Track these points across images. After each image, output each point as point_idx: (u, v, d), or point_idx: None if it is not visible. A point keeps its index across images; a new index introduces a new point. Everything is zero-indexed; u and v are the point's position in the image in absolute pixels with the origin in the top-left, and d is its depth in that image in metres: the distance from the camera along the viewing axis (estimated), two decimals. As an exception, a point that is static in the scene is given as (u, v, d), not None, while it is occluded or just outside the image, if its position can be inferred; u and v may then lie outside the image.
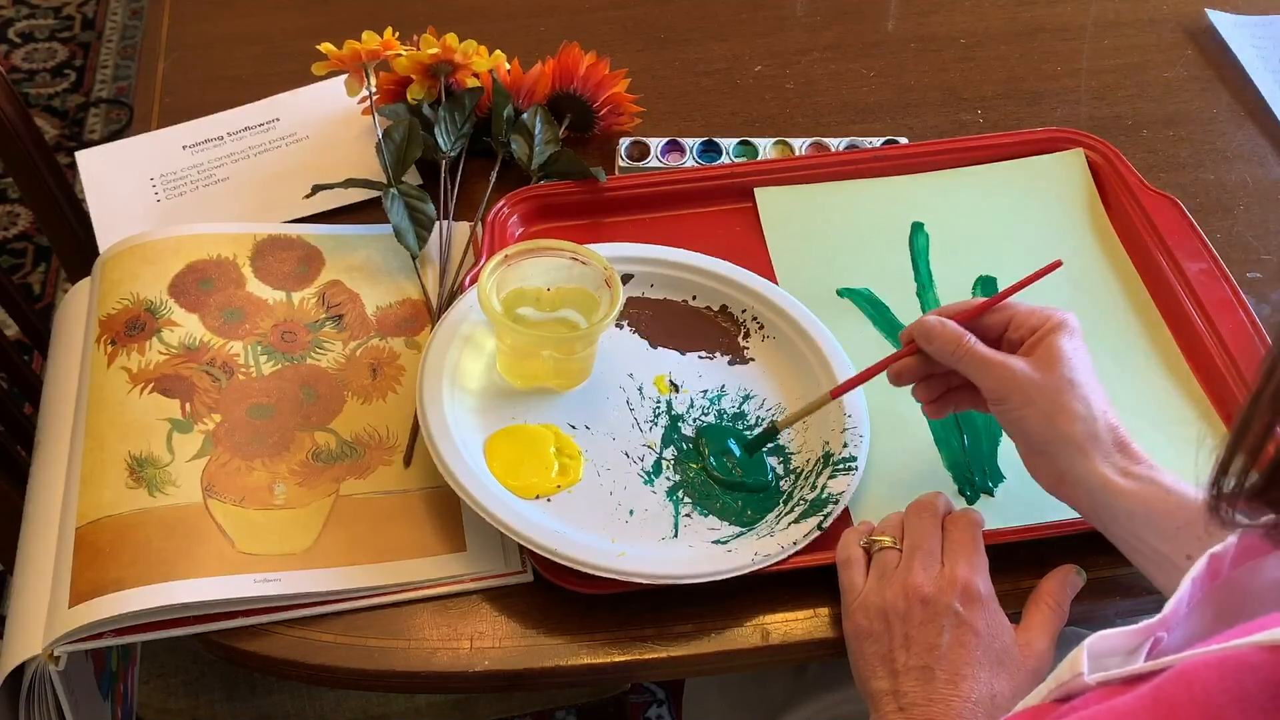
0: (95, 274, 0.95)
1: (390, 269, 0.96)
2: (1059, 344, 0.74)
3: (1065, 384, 0.73)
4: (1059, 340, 0.74)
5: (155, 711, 1.06)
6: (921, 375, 0.80)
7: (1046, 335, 0.75)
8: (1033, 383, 0.73)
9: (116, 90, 2.42)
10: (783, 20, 1.22)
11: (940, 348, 0.77)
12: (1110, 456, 0.72)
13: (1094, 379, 0.74)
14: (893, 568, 0.73)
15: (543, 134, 1.01)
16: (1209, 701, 0.43)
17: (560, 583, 0.77)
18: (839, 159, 1.03)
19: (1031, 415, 0.73)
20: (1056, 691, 0.51)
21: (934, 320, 0.78)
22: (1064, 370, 0.73)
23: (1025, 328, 0.76)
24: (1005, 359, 0.75)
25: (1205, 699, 0.43)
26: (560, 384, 0.87)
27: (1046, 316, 0.76)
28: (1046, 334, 0.75)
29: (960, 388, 0.80)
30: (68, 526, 0.80)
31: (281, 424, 0.86)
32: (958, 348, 0.76)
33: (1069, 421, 0.72)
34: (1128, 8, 1.23)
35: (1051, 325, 0.75)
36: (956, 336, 0.76)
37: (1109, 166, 1.01)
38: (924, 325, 0.78)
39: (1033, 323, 0.76)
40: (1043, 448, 0.74)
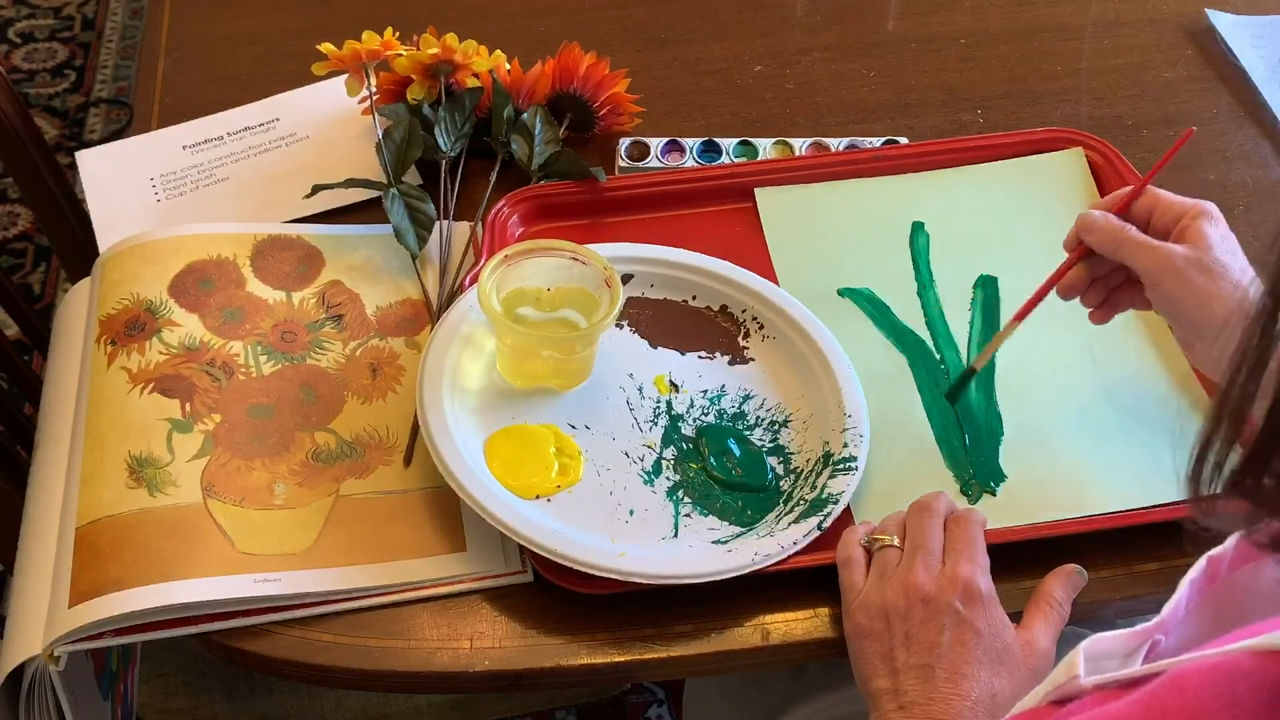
0: (95, 274, 0.95)
1: (390, 269, 0.96)
2: (1205, 230, 0.78)
3: (1216, 267, 0.76)
4: (1204, 226, 0.78)
5: (155, 711, 1.06)
6: (1087, 284, 0.84)
7: (1193, 221, 0.78)
8: (1186, 265, 0.77)
9: (116, 90, 2.42)
10: (783, 20, 1.22)
11: (1101, 238, 0.81)
12: None
13: (1242, 260, 0.77)
14: (893, 566, 0.73)
15: (543, 134, 1.01)
16: (1201, 707, 0.43)
17: (560, 583, 0.76)
18: (839, 159, 1.03)
19: (1187, 298, 0.77)
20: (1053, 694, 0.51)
21: (1096, 214, 0.81)
22: (1214, 253, 0.77)
23: (1169, 215, 0.80)
24: (1161, 244, 0.78)
25: (1197, 704, 0.43)
26: (560, 384, 0.87)
27: (1191, 204, 0.80)
28: (1193, 218, 0.79)
29: (1120, 288, 0.84)
30: (68, 526, 0.80)
31: (281, 424, 0.86)
32: (1118, 236, 0.80)
33: (1223, 303, 0.76)
34: (1128, 8, 1.23)
35: (1195, 212, 0.79)
36: (1117, 227, 0.80)
37: (1109, 166, 1.01)
38: (1087, 219, 0.82)
39: (1176, 211, 0.80)
40: (1200, 330, 0.77)
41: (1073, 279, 0.83)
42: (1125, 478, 0.82)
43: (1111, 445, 0.84)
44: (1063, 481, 0.83)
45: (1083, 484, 0.83)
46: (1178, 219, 0.80)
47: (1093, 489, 0.82)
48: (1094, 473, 0.83)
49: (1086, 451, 0.84)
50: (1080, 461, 0.84)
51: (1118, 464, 0.83)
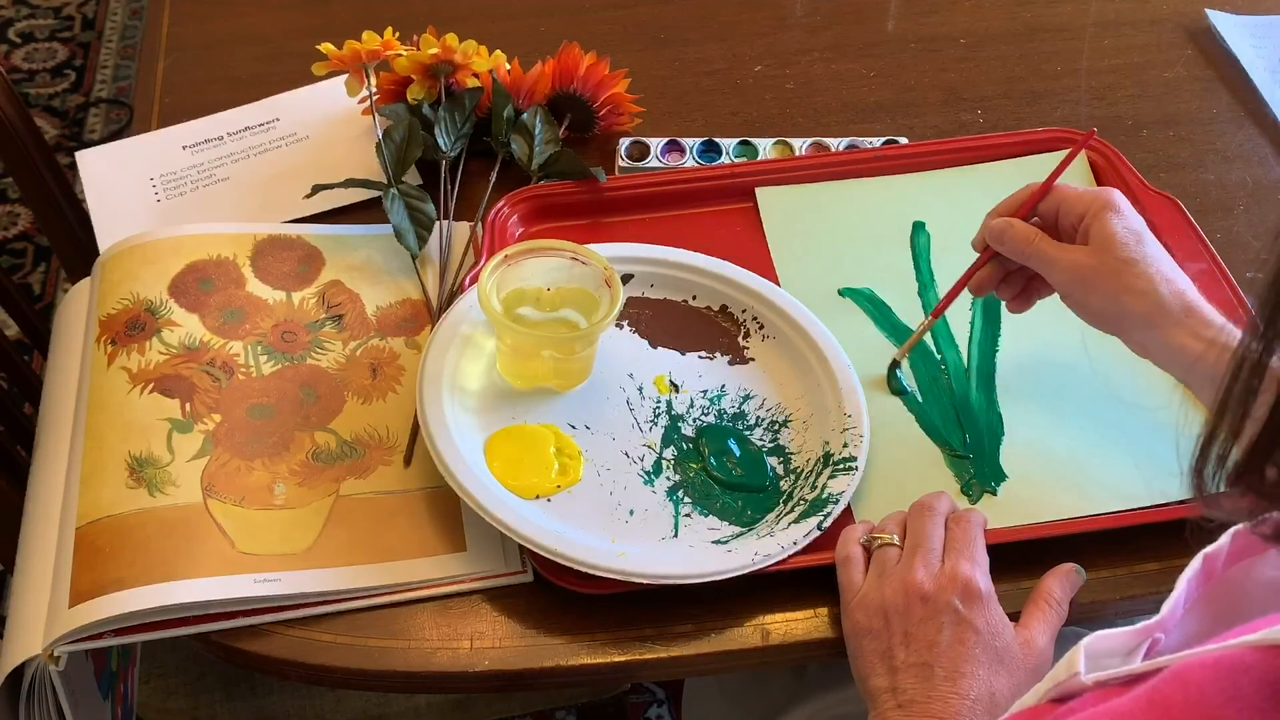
0: (95, 274, 0.95)
1: (390, 269, 0.96)
2: (1107, 226, 0.78)
3: (1121, 264, 0.76)
4: (1106, 223, 0.78)
5: (155, 711, 1.06)
6: (999, 279, 0.85)
7: (1095, 218, 0.78)
8: (1092, 270, 0.77)
9: (116, 90, 2.42)
10: (783, 20, 1.22)
11: (1011, 247, 0.82)
12: (1180, 322, 0.75)
13: (1152, 248, 0.77)
14: (893, 565, 0.73)
15: (543, 134, 1.01)
16: (1204, 702, 0.43)
17: (560, 583, 0.76)
18: (839, 159, 1.03)
19: (1096, 301, 0.78)
20: (1053, 691, 0.51)
21: (1003, 222, 0.82)
22: (1118, 251, 0.77)
23: (1073, 214, 0.80)
24: (1066, 251, 0.79)
25: (1201, 699, 0.43)
26: (560, 384, 0.87)
27: (1091, 199, 0.80)
28: (1094, 217, 0.78)
29: (1035, 278, 0.84)
30: (68, 526, 0.80)
31: (281, 424, 0.86)
32: (1027, 245, 0.81)
33: (1133, 299, 0.76)
34: (1128, 8, 1.23)
35: (1097, 207, 0.79)
36: (1025, 234, 0.81)
37: (1109, 166, 1.01)
38: (995, 227, 0.83)
39: (1079, 208, 0.80)
40: (1115, 327, 0.78)
41: (982, 278, 0.85)
42: (1125, 478, 0.82)
43: (1111, 445, 0.84)
44: (1063, 481, 0.83)
45: (1083, 484, 0.83)
46: (1081, 216, 0.80)
47: (1093, 489, 0.82)
48: (1094, 473, 0.83)
49: (1086, 451, 0.84)
50: (1080, 461, 0.84)
51: (1118, 464, 0.83)
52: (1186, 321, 0.75)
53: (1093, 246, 0.78)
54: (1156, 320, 0.76)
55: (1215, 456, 0.48)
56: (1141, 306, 0.76)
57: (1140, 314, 0.76)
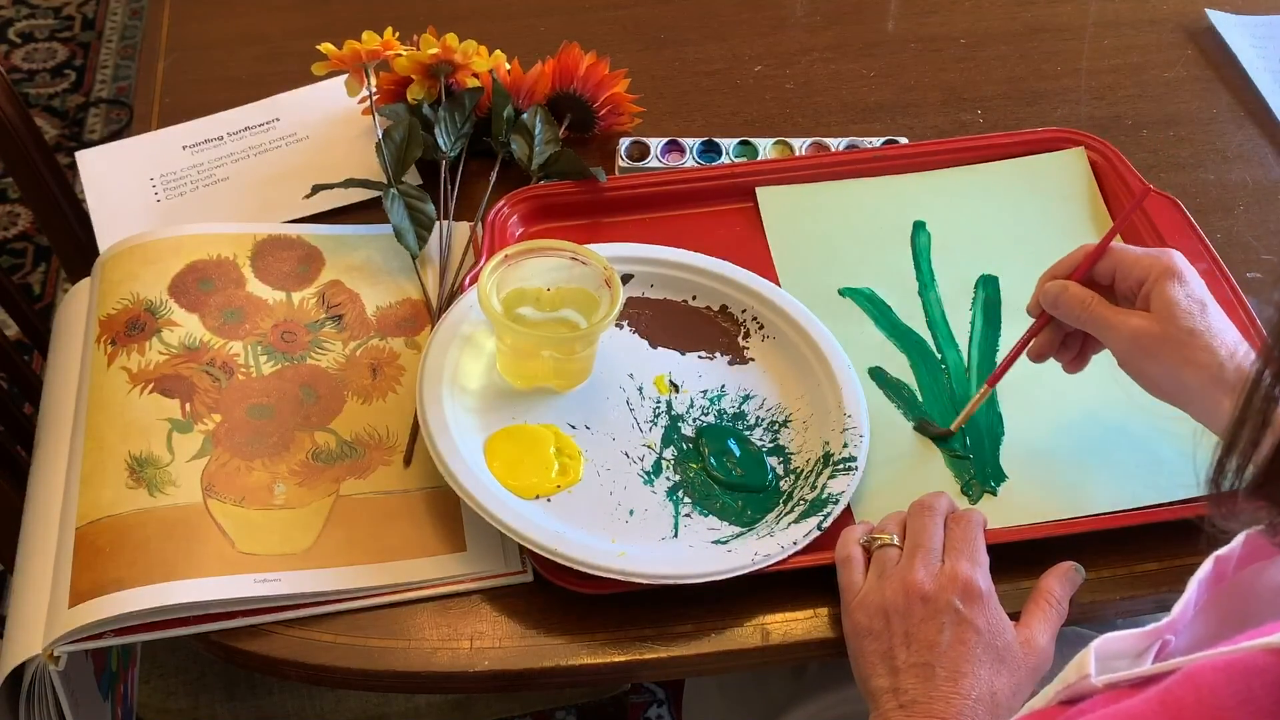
0: (95, 274, 0.95)
1: (390, 269, 0.96)
2: (1170, 294, 0.75)
3: (1185, 335, 0.74)
4: (1169, 290, 0.75)
5: (155, 711, 1.06)
6: (1057, 345, 0.82)
7: (1154, 285, 0.75)
8: (1154, 338, 0.74)
9: (116, 90, 2.42)
10: (783, 20, 1.22)
11: (1067, 311, 0.79)
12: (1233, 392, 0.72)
13: (1216, 318, 0.75)
14: (892, 565, 0.73)
15: (543, 134, 1.01)
16: (1216, 704, 0.43)
17: (560, 583, 0.76)
18: (839, 159, 1.03)
19: (1157, 371, 0.75)
20: (1064, 693, 0.51)
21: (1059, 286, 0.79)
22: (1182, 321, 0.74)
23: (1132, 278, 0.77)
24: (1126, 318, 0.76)
25: (1213, 701, 0.43)
26: (560, 384, 0.87)
27: (1151, 263, 0.77)
28: (1155, 282, 0.75)
29: (1091, 338, 0.81)
30: (68, 526, 0.80)
31: (281, 424, 0.86)
32: (1083, 310, 0.78)
33: (1193, 373, 0.73)
34: (1128, 8, 1.23)
35: (1158, 272, 0.76)
36: (1082, 298, 0.78)
37: (1109, 166, 1.01)
38: (1051, 291, 0.79)
39: (1138, 273, 0.77)
40: (1173, 399, 0.76)
41: (1042, 344, 0.82)
42: (1125, 478, 0.82)
43: (1111, 445, 0.84)
44: (1063, 481, 0.83)
45: (1083, 484, 0.82)
46: (1141, 281, 0.76)
47: (1093, 489, 0.82)
48: (1094, 473, 0.83)
49: (1086, 451, 0.84)
50: (1080, 461, 0.84)
51: (1118, 464, 0.83)
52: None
53: (1154, 313, 0.75)
54: (1216, 393, 0.73)
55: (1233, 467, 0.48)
56: (1201, 380, 0.73)
57: (1198, 387, 0.73)
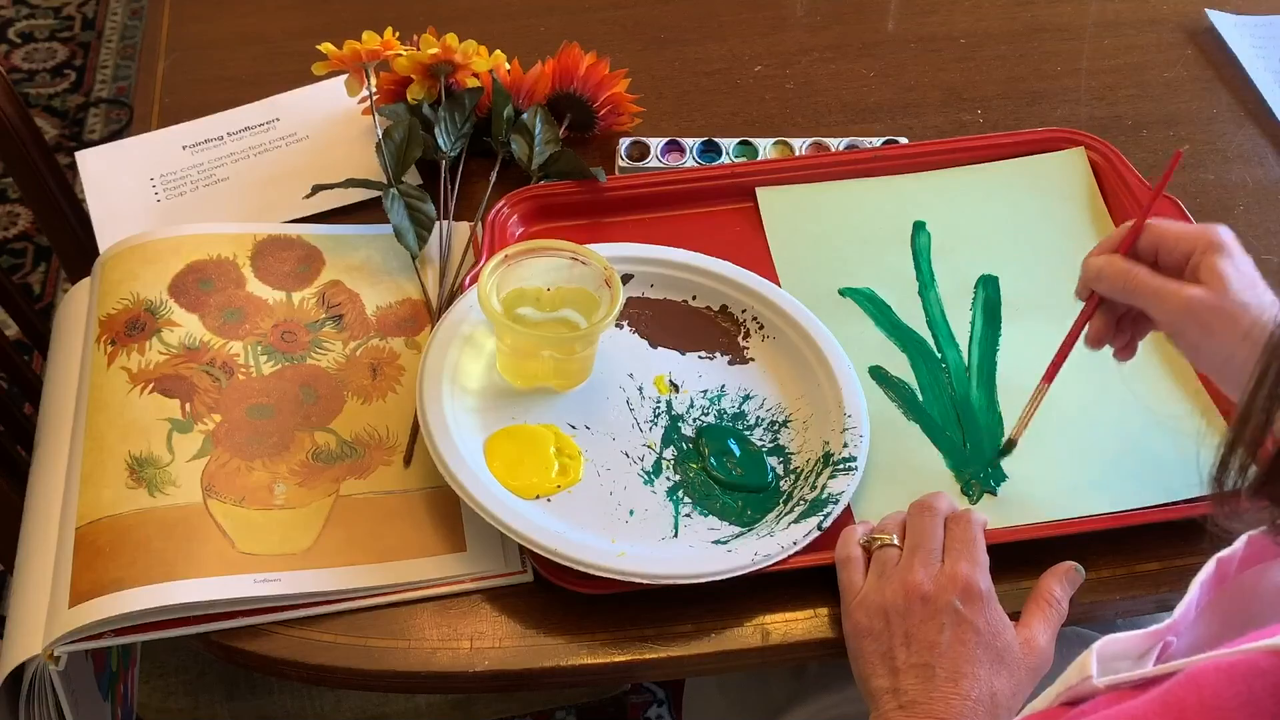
0: (95, 274, 0.95)
1: (390, 269, 0.96)
2: (1221, 266, 0.72)
3: (1239, 308, 0.71)
4: (1219, 263, 0.73)
5: (155, 711, 1.06)
6: (1111, 330, 0.80)
7: (1203, 258, 0.73)
8: (1209, 311, 0.72)
9: (116, 90, 2.42)
10: (783, 20, 1.22)
11: (1111, 284, 0.77)
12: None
13: (1267, 294, 0.73)
14: (892, 565, 0.73)
15: (543, 134, 1.01)
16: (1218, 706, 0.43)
17: (560, 583, 0.76)
18: (839, 159, 1.03)
19: (1213, 347, 0.73)
20: (1065, 695, 0.51)
21: (1101, 260, 0.77)
22: (1237, 294, 0.72)
23: (1178, 252, 0.75)
24: (1179, 287, 0.74)
25: (1214, 703, 0.43)
26: (560, 384, 0.87)
27: (1197, 237, 0.74)
28: (1204, 254, 0.73)
29: (1139, 319, 0.79)
30: (68, 526, 0.80)
31: (281, 424, 0.86)
32: (1128, 280, 0.76)
33: (1249, 348, 0.71)
34: (1128, 8, 1.23)
35: (1205, 246, 0.74)
36: (1125, 270, 0.76)
37: (1109, 166, 1.01)
38: (1094, 266, 0.77)
39: (1184, 246, 0.75)
40: (1227, 376, 0.74)
41: (1097, 329, 0.80)
42: (1125, 478, 0.82)
43: (1111, 445, 0.84)
44: (1063, 481, 0.83)
45: (1083, 484, 0.82)
46: (1188, 254, 0.74)
47: (1093, 489, 0.82)
48: (1094, 473, 0.83)
49: (1086, 451, 0.84)
50: (1080, 461, 0.84)
51: (1118, 464, 0.83)
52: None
53: (1206, 286, 0.73)
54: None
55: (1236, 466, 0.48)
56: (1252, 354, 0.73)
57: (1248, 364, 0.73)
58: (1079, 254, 0.96)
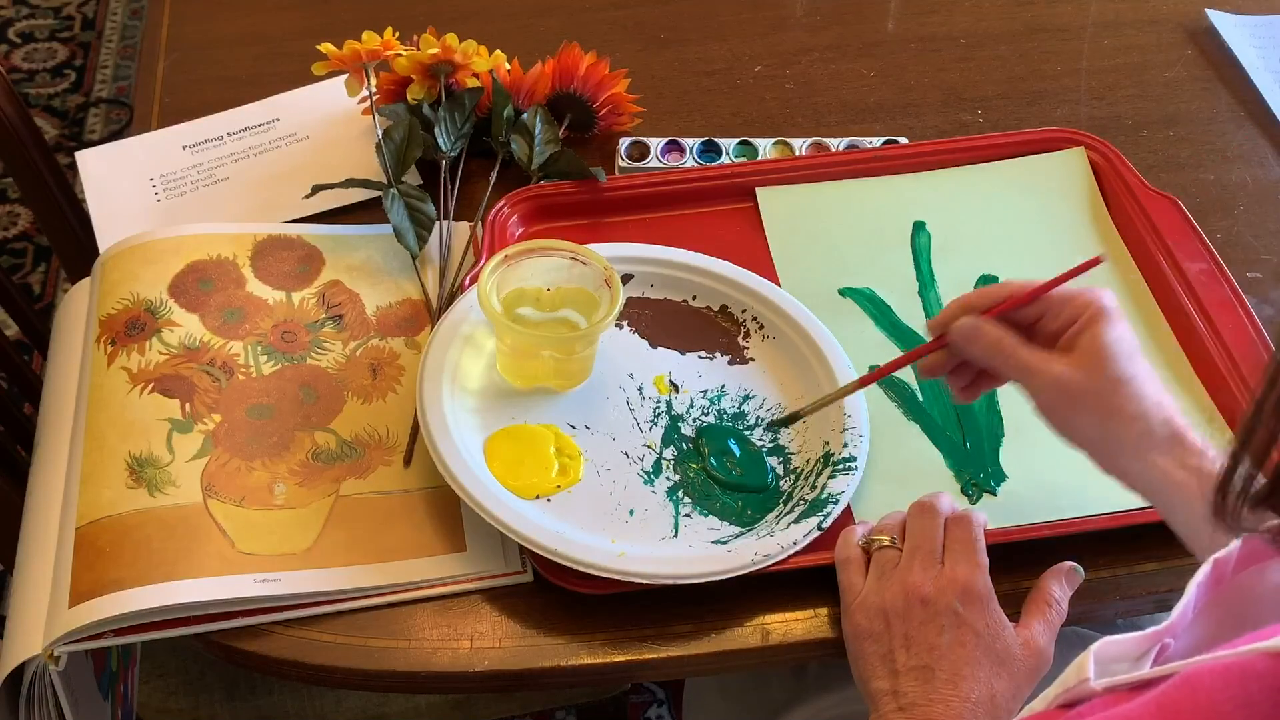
0: (95, 274, 0.95)
1: (390, 269, 0.96)
2: (1101, 338, 0.70)
3: (1113, 385, 0.70)
4: (1100, 333, 0.70)
5: (155, 711, 1.06)
6: (952, 365, 0.78)
7: (1085, 328, 0.71)
8: (1079, 388, 0.70)
9: (116, 90, 2.42)
10: (783, 20, 1.22)
11: (980, 352, 0.74)
12: (1169, 450, 0.69)
13: (1141, 366, 0.71)
14: (892, 567, 0.73)
15: (543, 134, 1.01)
16: (1214, 708, 0.43)
17: (560, 583, 0.76)
18: (839, 159, 1.03)
19: (1082, 421, 0.71)
20: (1063, 696, 0.51)
21: (971, 324, 0.74)
22: (1110, 369, 0.70)
23: (1062, 318, 0.73)
24: (1048, 364, 0.72)
25: (1210, 705, 0.43)
26: (560, 384, 0.87)
27: (1084, 304, 0.72)
28: (1085, 326, 0.71)
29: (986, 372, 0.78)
30: (68, 526, 0.80)
31: (281, 424, 0.86)
32: (998, 352, 0.73)
33: (1121, 424, 0.70)
34: (1128, 8, 1.23)
35: (1090, 315, 0.71)
36: (996, 340, 0.73)
37: (1109, 166, 1.01)
38: (963, 329, 0.75)
39: (1069, 312, 0.72)
40: (1096, 450, 0.72)
41: (933, 363, 0.78)
42: (1125, 478, 0.82)
43: (1111, 445, 0.84)
44: (1063, 481, 0.83)
45: (1083, 484, 0.82)
46: (1071, 321, 0.72)
47: (1093, 489, 0.82)
48: (1094, 473, 0.83)
49: (1086, 451, 0.84)
50: (1080, 461, 0.83)
51: (1118, 464, 0.83)
52: (1174, 450, 0.69)
53: (1080, 358, 0.71)
54: (1143, 447, 0.70)
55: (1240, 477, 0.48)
56: (1129, 433, 0.69)
57: (1126, 440, 0.70)
58: (1079, 254, 0.95)
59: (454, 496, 0.79)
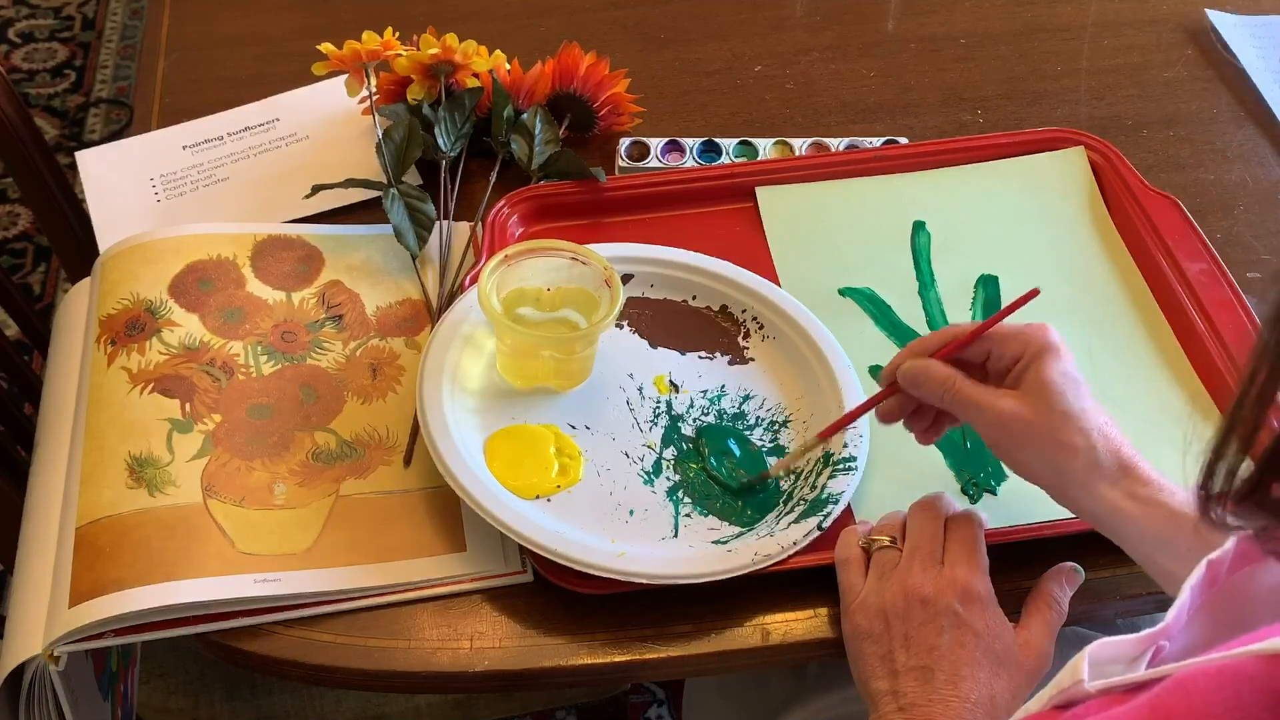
0: (95, 274, 0.95)
1: (390, 269, 0.96)
2: (1046, 373, 0.71)
3: (1059, 419, 0.70)
4: (1045, 369, 0.71)
5: (155, 711, 1.06)
6: (909, 410, 0.78)
7: (1030, 364, 0.72)
8: (1025, 423, 0.71)
9: (116, 90, 2.42)
10: (783, 20, 1.22)
11: (929, 392, 0.75)
12: (1117, 482, 0.70)
13: (1087, 399, 0.71)
14: (891, 568, 0.73)
15: (543, 134, 1.01)
16: (1205, 711, 0.43)
17: (560, 583, 0.76)
18: (839, 159, 1.03)
19: (1029, 456, 0.72)
20: (1057, 698, 0.51)
21: (918, 365, 0.75)
22: (1056, 403, 0.70)
23: (1007, 356, 0.74)
24: (995, 400, 0.72)
25: (1203, 708, 0.43)
26: (560, 384, 0.87)
27: (1026, 341, 0.73)
28: (1030, 362, 0.72)
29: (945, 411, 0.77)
30: (68, 526, 0.80)
31: (281, 424, 0.86)
32: (946, 391, 0.74)
33: (1068, 458, 0.70)
34: (1128, 8, 1.23)
35: (1033, 352, 0.72)
36: (944, 379, 0.74)
37: (1109, 166, 1.01)
38: (910, 371, 0.75)
39: (1013, 349, 0.73)
40: (1046, 484, 0.73)
41: (890, 408, 0.78)
42: (1125, 478, 0.82)
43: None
44: (1063, 481, 0.83)
45: (1083, 484, 0.82)
46: (1016, 358, 0.73)
47: (1093, 489, 0.82)
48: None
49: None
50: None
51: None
52: (1122, 481, 0.70)
53: (1025, 394, 0.71)
54: (1092, 478, 0.70)
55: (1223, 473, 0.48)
56: (1076, 465, 0.70)
57: (1073, 473, 0.70)
58: (1079, 254, 0.96)
59: (454, 496, 0.79)
